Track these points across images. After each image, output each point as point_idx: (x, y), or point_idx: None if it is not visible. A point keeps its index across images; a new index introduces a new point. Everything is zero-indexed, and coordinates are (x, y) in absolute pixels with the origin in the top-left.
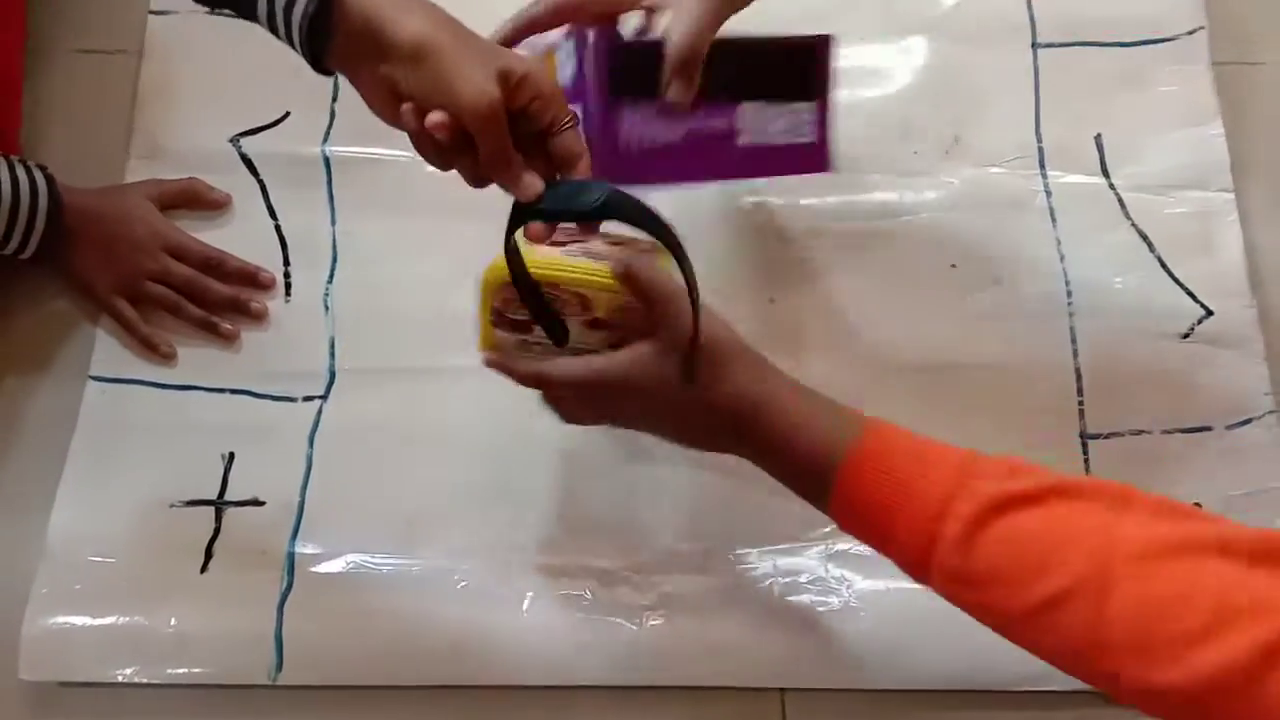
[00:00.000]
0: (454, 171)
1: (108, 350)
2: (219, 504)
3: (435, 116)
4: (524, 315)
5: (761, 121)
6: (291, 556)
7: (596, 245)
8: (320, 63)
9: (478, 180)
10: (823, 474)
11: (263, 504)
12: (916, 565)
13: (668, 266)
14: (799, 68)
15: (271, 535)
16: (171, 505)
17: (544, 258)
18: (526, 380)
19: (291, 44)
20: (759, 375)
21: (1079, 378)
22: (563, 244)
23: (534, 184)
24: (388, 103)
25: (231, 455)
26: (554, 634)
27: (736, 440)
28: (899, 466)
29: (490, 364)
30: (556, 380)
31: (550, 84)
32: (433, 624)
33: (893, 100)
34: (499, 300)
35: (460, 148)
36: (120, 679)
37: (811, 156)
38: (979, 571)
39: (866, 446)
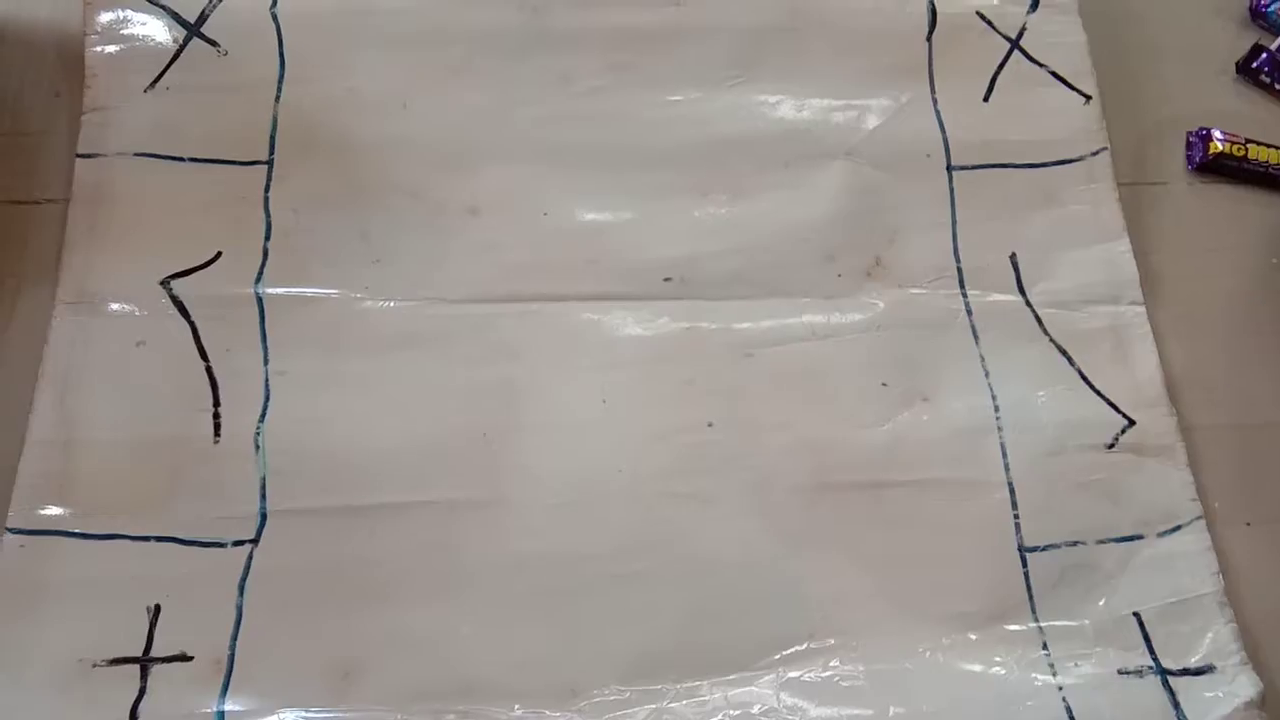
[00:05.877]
0: (390, 304)
1: (25, 499)
2: (144, 661)
3: None
4: None
5: None
6: (221, 715)
7: None
8: None
9: None
10: None
11: (190, 659)
12: None
13: None
14: None
15: (200, 693)
16: (94, 665)
17: None
18: None
19: None
20: None
21: (1012, 491)
22: None
23: None
24: None
25: (158, 607)
26: None
27: None
28: None
29: None
30: None
31: None
32: None
33: (816, 223)
34: None
35: None
36: None
37: None
38: None
39: None
